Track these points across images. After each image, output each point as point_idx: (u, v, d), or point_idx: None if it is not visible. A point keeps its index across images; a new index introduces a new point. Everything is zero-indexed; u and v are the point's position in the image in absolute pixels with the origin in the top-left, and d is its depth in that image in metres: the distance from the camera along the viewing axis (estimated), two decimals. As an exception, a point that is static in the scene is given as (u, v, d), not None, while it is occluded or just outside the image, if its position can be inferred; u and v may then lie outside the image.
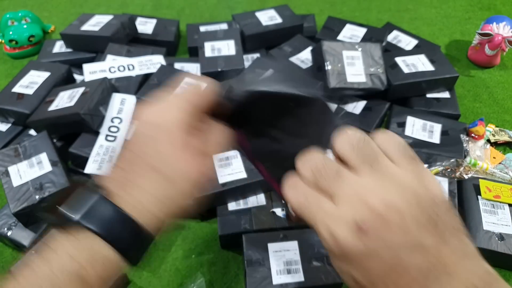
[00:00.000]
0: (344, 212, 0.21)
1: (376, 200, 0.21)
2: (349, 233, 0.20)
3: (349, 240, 0.20)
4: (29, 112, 0.78)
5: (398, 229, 0.20)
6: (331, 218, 0.21)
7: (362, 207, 0.21)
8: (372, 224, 0.20)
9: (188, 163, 0.27)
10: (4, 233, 0.64)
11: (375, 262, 0.20)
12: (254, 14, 1.03)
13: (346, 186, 0.22)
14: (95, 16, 1.00)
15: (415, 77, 0.84)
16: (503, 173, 0.73)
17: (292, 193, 0.24)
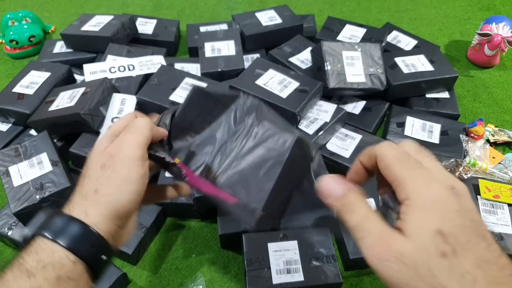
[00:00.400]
0: (440, 177, 0.25)
1: (458, 181, 0.25)
2: (445, 191, 0.24)
3: (446, 195, 0.24)
4: (30, 112, 0.78)
5: (474, 206, 0.24)
6: (429, 176, 0.25)
7: (453, 179, 0.25)
8: (462, 190, 0.25)
9: (136, 173, 0.33)
10: (5, 233, 0.64)
11: (463, 218, 0.23)
12: (254, 14, 1.03)
13: (433, 162, 0.26)
14: (95, 16, 1.00)
15: (415, 77, 0.84)
16: (502, 173, 0.73)
17: (391, 146, 0.27)
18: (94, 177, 0.33)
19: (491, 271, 0.21)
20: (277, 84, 0.79)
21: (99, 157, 0.33)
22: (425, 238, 0.23)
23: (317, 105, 0.80)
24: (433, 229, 0.22)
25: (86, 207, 0.32)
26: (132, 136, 0.34)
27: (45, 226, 0.31)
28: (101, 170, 0.32)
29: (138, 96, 0.75)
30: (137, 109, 0.76)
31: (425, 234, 0.23)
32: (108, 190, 0.32)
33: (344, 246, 0.61)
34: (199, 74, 0.89)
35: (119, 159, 0.32)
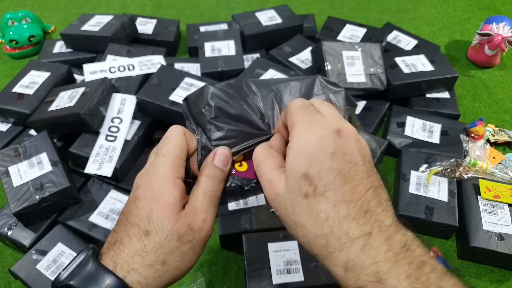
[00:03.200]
0: (329, 121, 0.26)
1: (349, 125, 0.27)
2: (328, 134, 0.25)
3: (325, 138, 0.25)
4: (29, 112, 0.78)
5: (358, 149, 0.25)
6: (317, 121, 0.26)
7: (343, 123, 0.26)
8: (347, 133, 0.26)
9: (178, 221, 0.28)
10: (4, 233, 0.64)
11: (335, 160, 0.24)
12: (254, 14, 1.03)
13: (330, 108, 0.28)
14: (95, 16, 1.00)
15: (415, 77, 0.84)
16: (502, 173, 0.73)
17: (300, 100, 0.29)
18: (140, 221, 0.28)
19: (347, 210, 0.24)
20: (277, 84, 0.78)
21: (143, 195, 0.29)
22: (293, 180, 0.25)
23: (317, 105, 0.80)
24: (300, 172, 0.25)
25: (127, 259, 0.27)
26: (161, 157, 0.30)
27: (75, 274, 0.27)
28: (144, 210, 0.28)
29: (138, 96, 0.75)
30: (137, 109, 0.76)
31: (293, 176, 0.25)
32: (152, 242, 0.27)
33: (344, 246, 0.60)
34: (199, 74, 0.88)
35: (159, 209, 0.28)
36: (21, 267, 0.59)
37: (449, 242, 0.67)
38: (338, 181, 0.24)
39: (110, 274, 0.26)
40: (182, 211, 0.28)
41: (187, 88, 0.77)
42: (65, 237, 0.62)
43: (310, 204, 0.24)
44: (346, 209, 0.24)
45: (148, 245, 0.27)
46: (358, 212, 0.24)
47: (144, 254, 0.27)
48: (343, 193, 0.24)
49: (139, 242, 0.27)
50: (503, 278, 0.62)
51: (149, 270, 0.27)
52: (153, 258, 0.27)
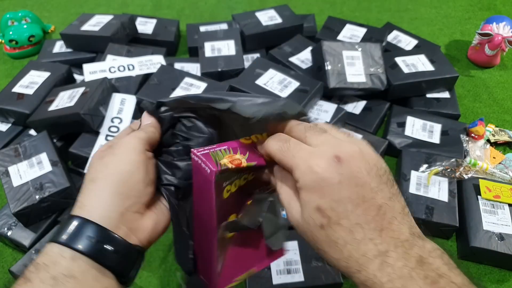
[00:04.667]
0: (323, 151, 0.26)
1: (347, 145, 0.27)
2: (328, 164, 0.25)
3: (327, 170, 0.25)
4: (29, 112, 0.78)
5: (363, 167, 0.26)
6: (311, 155, 0.26)
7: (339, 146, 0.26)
8: (346, 156, 0.26)
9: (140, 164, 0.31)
10: (4, 233, 0.64)
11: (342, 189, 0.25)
12: (254, 14, 1.03)
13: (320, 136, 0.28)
14: (95, 16, 1.00)
15: (415, 77, 0.84)
16: (503, 173, 0.73)
17: (274, 141, 0.29)
18: (92, 169, 0.31)
19: (363, 232, 0.25)
20: (277, 84, 0.78)
21: (98, 152, 0.32)
22: (307, 214, 0.26)
23: (318, 105, 0.80)
24: (313, 207, 0.26)
25: (82, 200, 0.29)
26: (133, 134, 0.33)
27: (52, 235, 0.29)
28: (99, 160, 0.31)
29: (138, 96, 0.75)
30: (137, 109, 0.76)
31: (307, 210, 0.26)
32: (106, 172, 0.30)
33: (345, 247, 0.60)
34: (199, 74, 0.88)
35: (118, 147, 0.31)
36: (21, 267, 0.59)
37: (449, 242, 0.67)
38: (350, 208, 0.25)
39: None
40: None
41: (187, 88, 0.77)
42: (65, 237, 0.62)
43: (327, 234, 0.25)
44: (362, 232, 0.25)
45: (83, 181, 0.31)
46: (373, 233, 0.24)
47: (81, 188, 0.31)
48: (357, 217, 0.25)
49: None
50: (503, 278, 0.62)
51: (82, 194, 0.30)
52: (84, 183, 0.31)
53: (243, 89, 0.76)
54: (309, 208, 0.26)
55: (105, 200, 0.29)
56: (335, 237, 0.25)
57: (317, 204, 0.25)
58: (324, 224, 0.25)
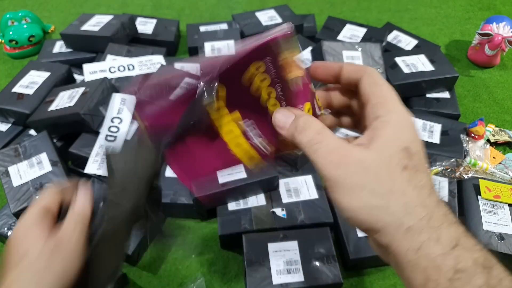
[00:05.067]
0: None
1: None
2: None
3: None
4: (29, 112, 0.78)
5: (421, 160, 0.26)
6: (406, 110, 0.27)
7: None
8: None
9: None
10: (4, 233, 0.64)
11: (422, 146, 0.25)
12: (254, 14, 1.03)
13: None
14: (95, 16, 1.00)
15: (415, 77, 0.84)
16: (503, 173, 0.73)
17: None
18: None
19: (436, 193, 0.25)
20: (277, 84, 0.78)
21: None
22: (391, 151, 0.24)
23: (317, 105, 0.80)
24: (401, 146, 0.24)
25: None
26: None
27: None
28: None
29: (138, 96, 0.75)
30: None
31: (392, 148, 0.24)
32: None
33: (344, 246, 0.60)
34: (199, 74, 0.88)
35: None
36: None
37: (449, 242, 0.67)
38: (426, 165, 0.25)
39: None
40: None
41: (187, 88, 0.77)
42: (65, 237, 0.62)
43: (411, 176, 0.24)
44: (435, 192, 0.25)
45: None
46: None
47: None
48: (427, 175, 0.25)
49: None
50: (503, 278, 0.62)
51: None
52: None
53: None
54: (396, 146, 0.24)
55: None
56: (421, 182, 0.24)
57: (407, 145, 0.25)
58: (408, 167, 0.24)
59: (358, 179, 0.24)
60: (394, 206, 0.23)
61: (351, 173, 0.24)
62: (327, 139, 0.25)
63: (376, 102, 0.26)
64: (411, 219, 0.23)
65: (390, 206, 0.23)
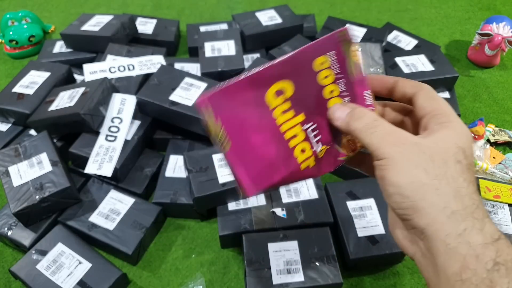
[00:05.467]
0: None
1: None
2: None
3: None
4: (29, 112, 0.78)
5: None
6: None
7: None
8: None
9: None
10: (4, 233, 0.64)
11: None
12: (254, 14, 1.03)
13: None
14: (95, 16, 1.00)
15: (415, 77, 0.84)
16: (503, 173, 0.73)
17: None
18: None
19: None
20: (277, 84, 0.78)
21: None
22: (448, 145, 0.25)
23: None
24: (458, 144, 0.25)
25: None
26: None
27: None
28: None
29: (138, 96, 0.75)
30: (137, 109, 0.76)
31: (449, 143, 0.25)
32: None
33: (344, 246, 0.60)
34: (199, 74, 0.88)
35: None
36: (21, 267, 0.59)
37: (449, 242, 0.67)
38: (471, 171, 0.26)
39: None
40: None
41: (187, 88, 0.77)
42: (65, 237, 0.62)
43: (463, 170, 0.25)
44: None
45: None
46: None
47: None
48: (473, 178, 0.26)
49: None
50: (503, 278, 0.62)
51: None
52: None
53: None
54: (451, 143, 0.25)
55: None
56: (468, 177, 0.25)
57: (463, 146, 0.25)
58: (462, 162, 0.25)
59: (413, 158, 0.25)
60: (444, 188, 0.24)
61: (407, 151, 0.25)
62: (384, 124, 0.27)
63: (436, 114, 0.27)
64: (458, 204, 0.23)
65: (440, 187, 0.24)
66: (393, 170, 0.25)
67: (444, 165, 0.24)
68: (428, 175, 0.24)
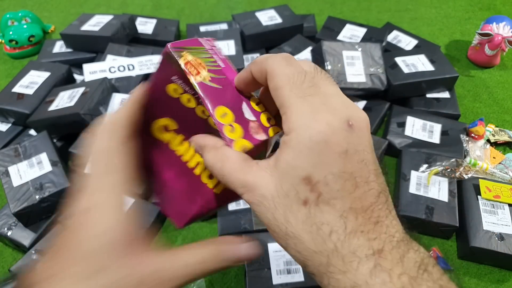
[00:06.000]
0: (337, 106, 0.20)
1: (358, 109, 0.21)
2: (339, 126, 0.20)
3: (336, 132, 0.20)
4: (29, 112, 0.78)
5: (370, 141, 0.21)
6: (322, 106, 0.20)
7: (352, 108, 0.21)
8: (359, 123, 0.20)
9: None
10: (4, 233, 0.64)
11: (346, 161, 0.20)
12: (254, 14, 1.03)
13: (332, 86, 0.22)
14: (95, 16, 1.00)
15: (415, 77, 0.84)
16: (503, 173, 0.73)
17: (286, 62, 0.22)
18: None
19: (356, 221, 0.19)
20: (277, 84, 0.78)
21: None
22: (289, 183, 0.20)
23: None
24: (301, 176, 0.20)
25: None
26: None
27: None
28: None
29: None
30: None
31: (291, 179, 0.20)
32: None
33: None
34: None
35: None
36: (21, 267, 0.59)
37: (449, 242, 0.67)
38: (348, 187, 0.19)
39: None
40: None
41: (187, 88, 0.77)
42: (65, 237, 0.62)
43: (310, 213, 0.20)
44: (355, 220, 0.19)
45: None
46: (367, 224, 0.19)
47: None
48: (352, 200, 0.19)
49: None
50: (503, 278, 0.62)
51: None
52: None
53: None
54: (294, 177, 0.20)
55: None
56: (320, 220, 0.19)
57: (309, 172, 0.19)
58: (309, 200, 0.19)
59: (267, 220, 0.21)
60: (293, 252, 0.20)
61: (261, 213, 0.21)
62: (233, 168, 0.22)
63: (282, 114, 0.21)
64: (312, 268, 0.20)
65: (290, 252, 0.21)
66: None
67: (285, 221, 0.20)
68: (278, 239, 0.21)
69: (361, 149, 0.20)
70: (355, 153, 0.20)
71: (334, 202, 0.19)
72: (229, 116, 0.23)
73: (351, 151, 0.20)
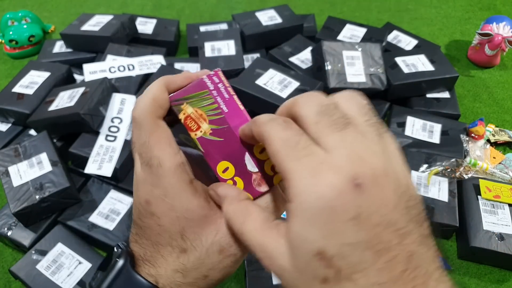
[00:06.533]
0: (339, 162, 0.17)
1: (372, 156, 0.18)
2: (343, 187, 0.17)
3: (340, 196, 0.17)
4: (29, 112, 0.78)
5: (390, 197, 0.17)
6: (321, 165, 0.17)
7: (361, 159, 0.17)
8: (369, 179, 0.17)
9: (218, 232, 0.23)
10: (4, 233, 0.64)
11: (359, 228, 0.17)
12: (254, 14, 1.03)
13: (337, 133, 0.18)
14: (95, 16, 1.00)
15: (415, 77, 0.84)
16: (503, 173, 0.73)
17: (280, 126, 0.19)
18: None
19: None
20: (277, 84, 0.78)
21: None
22: (303, 259, 0.18)
23: (317, 105, 0.80)
24: (312, 250, 0.17)
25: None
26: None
27: None
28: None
29: (138, 96, 0.75)
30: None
31: (303, 254, 0.18)
32: None
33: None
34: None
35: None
36: (21, 267, 0.59)
37: (449, 242, 0.67)
38: (369, 258, 0.17)
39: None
40: (219, 219, 0.23)
41: (187, 88, 0.77)
42: (65, 237, 0.62)
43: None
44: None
45: (188, 263, 0.23)
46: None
47: (184, 272, 0.23)
48: (378, 273, 0.17)
49: (176, 260, 0.23)
50: (503, 278, 0.62)
51: (192, 287, 0.23)
52: (194, 275, 0.23)
53: (243, 89, 0.76)
54: (306, 252, 0.18)
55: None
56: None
57: (320, 246, 0.17)
58: (329, 278, 0.17)
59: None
60: None
61: (284, 285, 0.20)
62: (253, 232, 0.21)
63: (283, 180, 0.19)
64: None
65: None
66: None
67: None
68: None
69: (374, 210, 0.17)
70: (369, 217, 0.17)
71: (356, 276, 0.17)
72: (231, 171, 0.23)
73: (363, 215, 0.17)
